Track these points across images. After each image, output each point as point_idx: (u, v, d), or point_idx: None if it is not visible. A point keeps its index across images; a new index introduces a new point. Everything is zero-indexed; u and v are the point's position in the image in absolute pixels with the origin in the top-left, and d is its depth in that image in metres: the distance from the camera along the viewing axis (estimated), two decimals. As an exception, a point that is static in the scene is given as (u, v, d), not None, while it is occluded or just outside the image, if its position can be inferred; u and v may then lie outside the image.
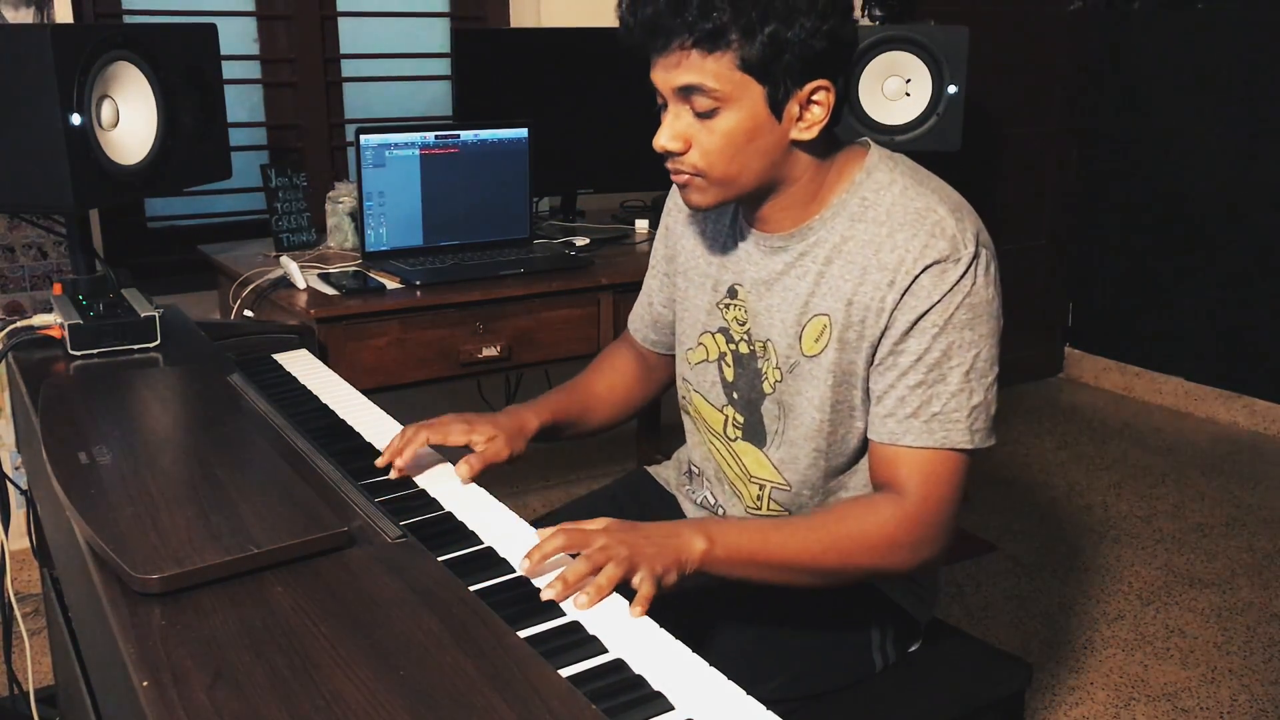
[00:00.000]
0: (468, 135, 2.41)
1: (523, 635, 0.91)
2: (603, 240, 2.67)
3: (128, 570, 0.93)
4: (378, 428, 1.44)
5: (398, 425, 1.44)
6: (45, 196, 1.71)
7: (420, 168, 2.36)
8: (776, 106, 1.18)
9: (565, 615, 0.98)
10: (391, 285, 2.23)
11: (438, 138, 2.38)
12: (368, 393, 1.59)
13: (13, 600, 1.76)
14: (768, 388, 1.34)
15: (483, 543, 1.12)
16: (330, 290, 2.17)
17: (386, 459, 1.29)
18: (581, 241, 2.61)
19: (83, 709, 1.29)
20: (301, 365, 1.72)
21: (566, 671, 0.88)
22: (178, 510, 1.04)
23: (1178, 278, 3.90)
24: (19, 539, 2.34)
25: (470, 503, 1.23)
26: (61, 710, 1.90)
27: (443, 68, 3.07)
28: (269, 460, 1.19)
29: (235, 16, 2.84)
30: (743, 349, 1.36)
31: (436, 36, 3.14)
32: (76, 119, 1.67)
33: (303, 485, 1.12)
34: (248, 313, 2.23)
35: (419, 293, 2.19)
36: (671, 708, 0.85)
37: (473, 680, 0.83)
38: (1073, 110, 4.09)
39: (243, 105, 2.89)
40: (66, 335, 1.56)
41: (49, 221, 2.25)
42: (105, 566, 0.97)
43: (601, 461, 3.34)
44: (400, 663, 0.84)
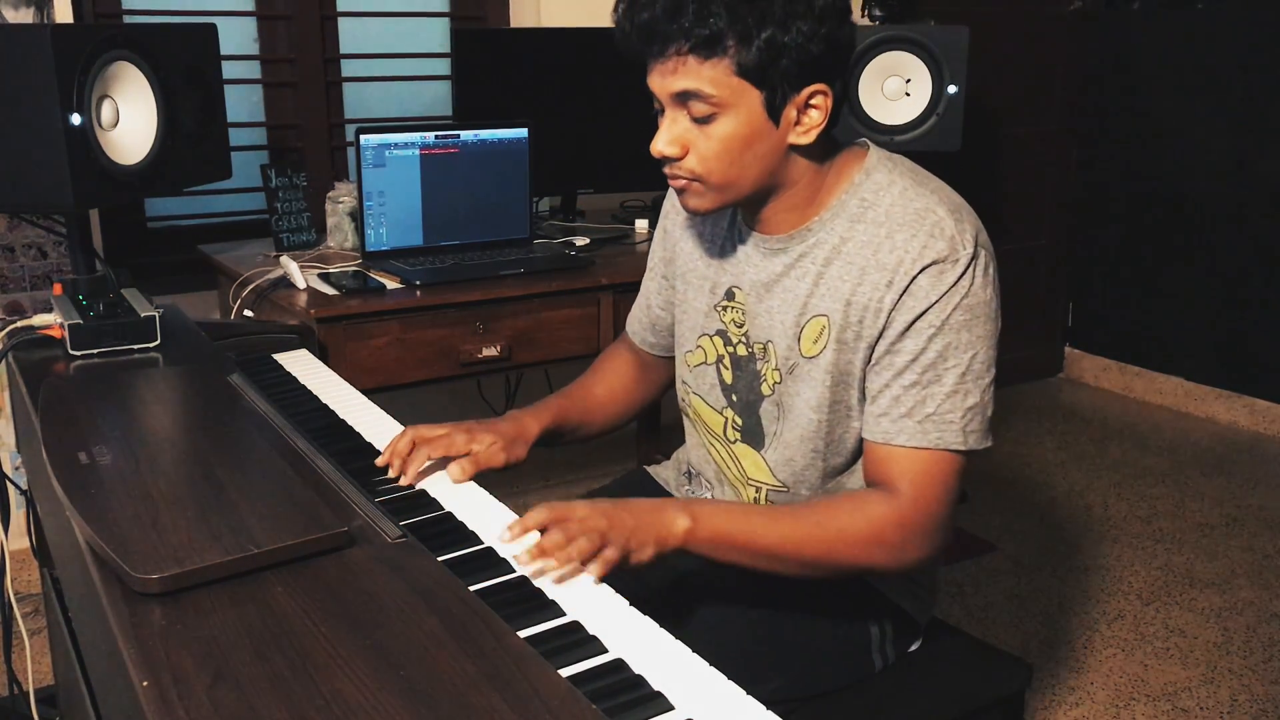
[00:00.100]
0: (468, 135, 2.41)
1: (523, 635, 0.91)
2: (603, 240, 2.67)
3: (128, 570, 0.93)
4: (378, 428, 1.44)
5: (398, 425, 1.44)
6: (45, 196, 1.71)
7: (420, 168, 2.36)
8: (774, 111, 1.18)
9: (565, 615, 0.98)
10: (391, 285, 2.23)
11: (438, 138, 2.38)
12: (368, 393, 1.59)
13: (13, 600, 1.76)
14: (766, 389, 1.34)
15: (483, 543, 1.12)
16: (330, 290, 2.17)
17: (386, 459, 1.29)
18: (581, 241, 2.61)
19: (83, 709, 1.29)
20: (301, 365, 1.72)
21: (566, 671, 0.88)
22: (178, 510, 1.04)
23: (1178, 278, 3.90)
24: (19, 539, 2.34)
25: (470, 503, 1.23)
26: (61, 710, 1.90)
27: (443, 68, 3.07)
28: (269, 460, 1.20)
29: (235, 16, 2.84)
30: (741, 351, 1.36)
31: (436, 36, 3.14)
32: (76, 119, 1.67)
33: (303, 485, 1.12)
34: (248, 313, 2.23)
35: (419, 293, 2.19)
36: (671, 708, 0.85)
37: (473, 680, 0.83)
38: (1073, 110, 4.09)
39: (243, 105, 2.89)
40: (66, 335, 1.56)
41: (49, 221, 2.25)
42: (105, 566, 0.97)
43: (601, 462, 3.34)
44: (400, 663, 0.84)
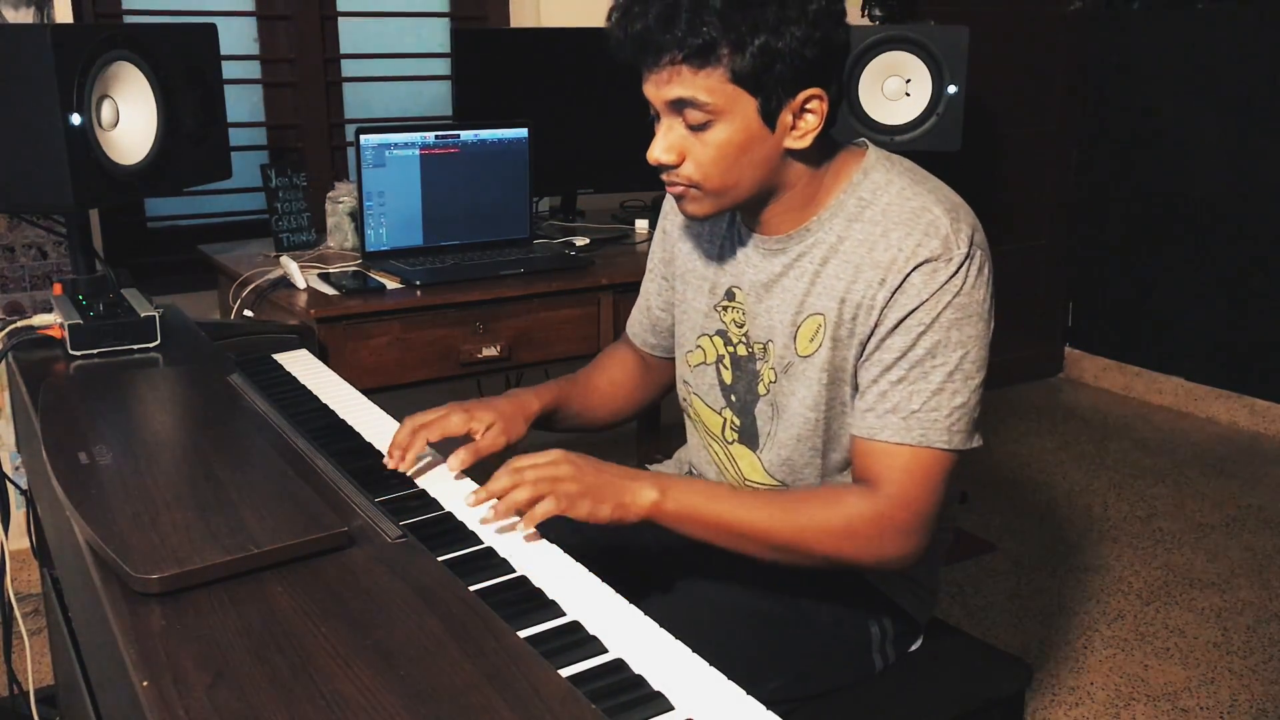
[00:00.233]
0: (468, 135, 2.41)
1: (523, 635, 0.91)
2: (603, 240, 2.67)
3: (128, 570, 0.93)
4: (378, 428, 1.44)
5: (397, 425, 1.44)
6: (45, 196, 1.71)
7: (420, 168, 2.36)
8: (769, 117, 1.18)
9: (565, 615, 0.98)
10: (391, 285, 2.23)
11: (438, 138, 2.38)
12: (368, 393, 1.59)
13: (13, 600, 1.76)
14: (762, 389, 1.34)
15: (483, 543, 1.12)
16: (330, 290, 2.17)
17: (394, 461, 1.30)
18: (581, 241, 2.61)
19: (83, 709, 1.29)
20: (301, 365, 1.72)
21: (566, 671, 0.88)
22: (178, 510, 1.04)
23: (1178, 278, 3.90)
24: (19, 539, 2.34)
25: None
26: (61, 710, 1.90)
27: (443, 68, 3.07)
28: (269, 460, 1.19)
29: (235, 16, 2.84)
30: (741, 351, 1.36)
31: (436, 36, 3.14)
32: (76, 119, 1.67)
33: (303, 485, 1.12)
34: (248, 313, 2.23)
35: (419, 293, 2.19)
36: (671, 708, 0.85)
37: (473, 680, 0.83)
38: (1073, 110, 4.09)
39: (243, 105, 2.89)
40: (66, 335, 1.56)
41: (49, 221, 2.26)
42: (105, 566, 0.97)
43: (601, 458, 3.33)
44: (400, 663, 0.84)
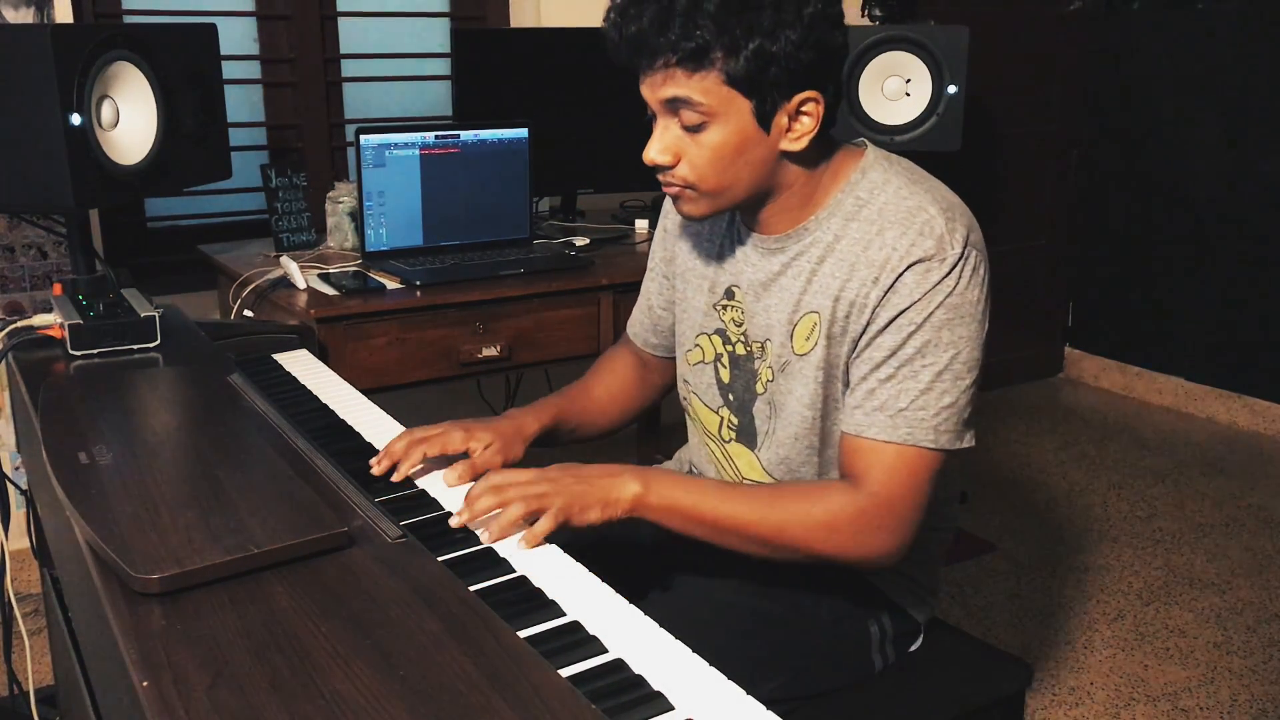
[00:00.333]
0: (468, 135, 2.41)
1: (523, 635, 0.91)
2: (603, 240, 2.67)
3: (128, 570, 0.93)
4: (378, 428, 1.44)
5: (398, 425, 1.44)
6: (45, 196, 1.71)
7: (420, 168, 2.36)
8: (764, 119, 1.18)
9: (565, 615, 0.98)
10: (391, 285, 2.23)
11: (438, 138, 2.38)
12: (368, 393, 1.59)
13: (13, 600, 1.76)
14: (760, 388, 1.34)
15: (482, 542, 1.12)
16: (330, 290, 2.17)
17: (381, 462, 1.28)
18: (581, 241, 2.61)
19: (83, 709, 1.29)
20: (301, 365, 1.72)
21: (566, 671, 0.88)
22: (178, 510, 1.04)
23: (1178, 278, 3.90)
24: (19, 539, 2.34)
25: (470, 503, 1.23)
26: (61, 710, 1.90)
27: (443, 68, 3.07)
28: (269, 460, 1.19)
29: (235, 16, 2.84)
30: (739, 350, 1.37)
31: (436, 36, 3.14)
32: (76, 119, 1.67)
33: (303, 485, 1.12)
34: (248, 313, 2.23)
35: (419, 293, 2.19)
36: (671, 708, 0.85)
37: (473, 680, 0.83)
38: (1073, 110, 4.08)
39: (243, 105, 2.89)
40: (66, 335, 1.56)
41: (49, 221, 2.26)
42: (105, 566, 0.97)
43: (600, 459, 3.33)
44: (400, 663, 0.84)
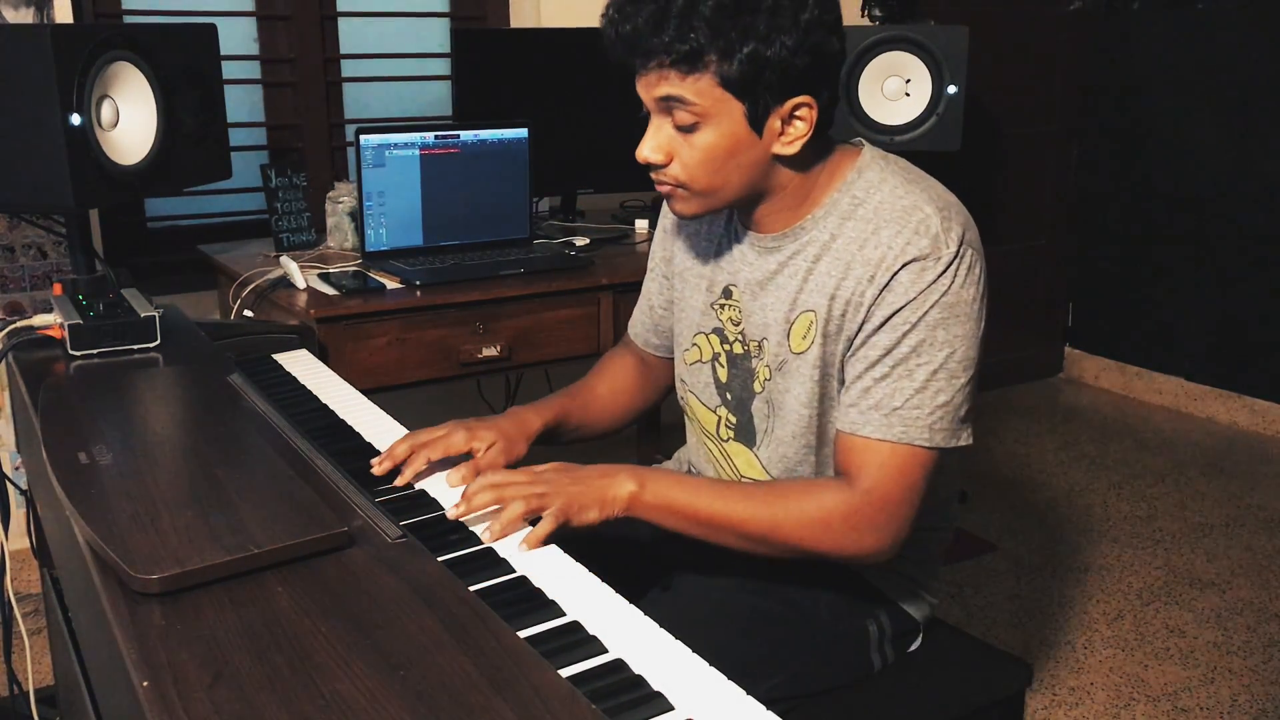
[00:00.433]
0: (468, 135, 2.41)
1: (523, 635, 0.91)
2: (603, 240, 2.67)
3: (128, 570, 0.93)
4: (378, 428, 1.44)
5: (397, 425, 1.44)
6: (45, 196, 1.71)
7: (420, 168, 2.36)
8: (756, 122, 1.18)
9: (565, 615, 0.98)
10: (391, 285, 2.23)
11: (438, 138, 2.38)
12: (368, 393, 1.59)
13: (13, 600, 1.76)
14: (758, 387, 1.34)
15: (483, 543, 1.12)
16: (330, 290, 2.17)
17: (383, 464, 1.28)
18: (581, 241, 2.61)
19: (83, 709, 1.29)
20: (301, 365, 1.72)
21: (566, 671, 0.88)
22: (178, 510, 1.04)
23: (1177, 278, 3.90)
24: (19, 539, 2.34)
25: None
26: (61, 710, 1.90)
27: (443, 68, 3.07)
28: (269, 460, 1.19)
29: (235, 16, 2.84)
30: (737, 349, 1.37)
31: (436, 36, 3.14)
32: (76, 119, 1.67)
33: (303, 485, 1.12)
34: (248, 313, 2.23)
35: (419, 293, 2.19)
36: (671, 708, 0.85)
37: (473, 680, 0.83)
38: (1073, 110, 4.08)
39: (243, 105, 2.89)
40: (66, 335, 1.56)
41: (49, 221, 2.26)
42: (105, 566, 0.97)
43: (601, 461, 3.33)
44: (400, 663, 0.84)
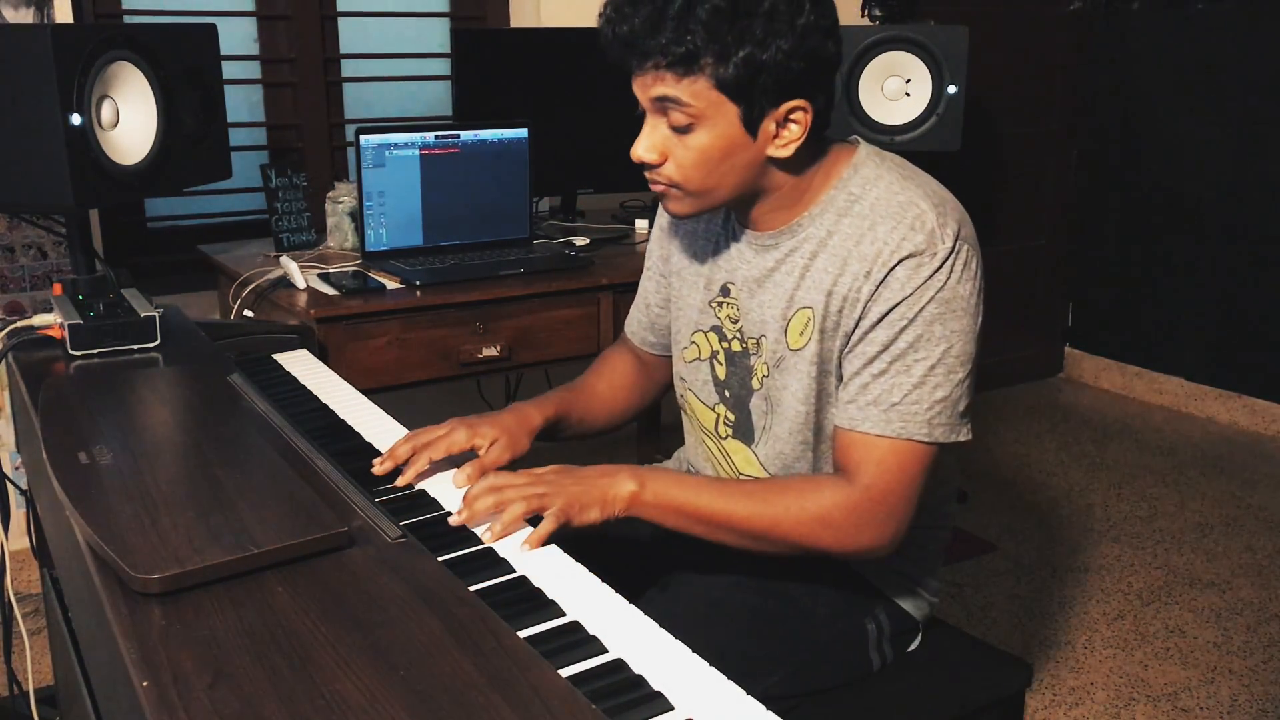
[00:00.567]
0: (468, 135, 2.41)
1: (523, 635, 0.91)
2: (603, 240, 2.67)
3: (128, 570, 0.93)
4: (378, 428, 1.44)
5: (397, 425, 1.44)
6: (45, 196, 1.71)
7: (420, 168, 2.36)
8: (751, 125, 1.19)
9: (565, 615, 0.98)
10: (391, 285, 2.23)
11: (438, 138, 2.38)
12: (368, 393, 1.59)
13: (13, 600, 1.76)
14: (756, 384, 1.35)
15: (483, 543, 1.12)
16: (330, 290, 2.17)
17: (384, 464, 1.28)
18: (581, 241, 2.61)
19: (83, 709, 1.29)
20: (301, 365, 1.72)
21: (566, 671, 0.88)
22: (178, 510, 1.04)
23: (1177, 278, 3.90)
24: (19, 539, 2.34)
25: (470, 503, 1.22)
26: (61, 710, 1.90)
27: (443, 68, 3.07)
28: (269, 460, 1.19)
29: (235, 16, 2.84)
30: (735, 347, 1.37)
31: (436, 36, 3.14)
32: (76, 119, 1.67)
33: (303, 485, 1.11)
34: (248, 313, 2.23)
35: (419, 293, 2.19)
36: (671, 707, 0.85)
37: (473, 680, 0.83)
38: (1073, 110, 4.09)
39: (243, 105, 2.89)
40: (66, 335, 1.56)
41: (49, 221, 2.26)
42: (105, 566, 0.97)
43: (601, 461, 3.33)
44: (400, 663, 0.84)
